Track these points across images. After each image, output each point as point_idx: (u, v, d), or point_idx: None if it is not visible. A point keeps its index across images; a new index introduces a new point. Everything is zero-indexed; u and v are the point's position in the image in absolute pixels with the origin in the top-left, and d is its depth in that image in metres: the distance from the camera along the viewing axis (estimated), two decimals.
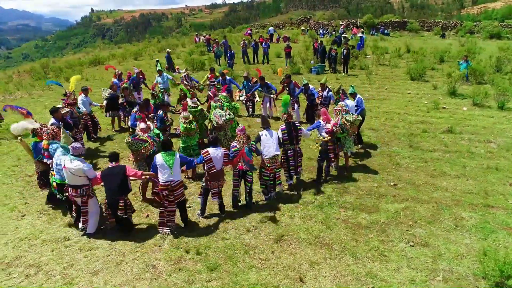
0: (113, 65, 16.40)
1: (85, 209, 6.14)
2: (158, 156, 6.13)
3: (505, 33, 34.45)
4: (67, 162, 5.95)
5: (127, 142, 7.04)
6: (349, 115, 8.32)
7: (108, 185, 5.99)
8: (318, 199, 7.30)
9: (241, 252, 5.76)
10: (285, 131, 7.45)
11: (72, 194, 6.09)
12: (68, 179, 6.02)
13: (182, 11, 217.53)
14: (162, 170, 6.06)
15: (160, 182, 6.09)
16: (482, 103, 13.22)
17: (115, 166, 6.10)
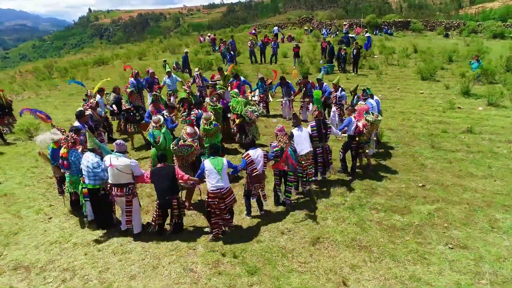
0: (130, 65, 16.17)
1: (129, 209, 6.03)
2: (206, 162, 6.00)
3: (508, 33, 34.46)
4: (113, 160, 5.87)
5: (173, 148, 6.69)
6: (369, 115, 8.27)
7: (159, 186, 5.91)
8: (348, 200, 7.21)
9: (279, 255, 5.66)
10: (314, 128, 7.42)
11: (116, 193, 5.96)
12: (114, 178, 5.90)
13: (180, 11, 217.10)
14: (211, 176, 5.89)
15: (210, 190, 5.90)
16: (497, 102, 13.18)
17: (164, 166, 6.05)
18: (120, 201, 6.08)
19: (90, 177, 6.04)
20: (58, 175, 6.85)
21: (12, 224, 6.63)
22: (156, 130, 7.49)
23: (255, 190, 6.44)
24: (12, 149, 10.34)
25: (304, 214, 6.75)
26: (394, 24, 38.47)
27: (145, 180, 6.03)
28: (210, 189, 5.89)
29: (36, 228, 6.50)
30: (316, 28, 39.26)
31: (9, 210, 7.12)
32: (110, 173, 5.91)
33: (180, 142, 6.71)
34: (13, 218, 6.85)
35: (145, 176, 6.02)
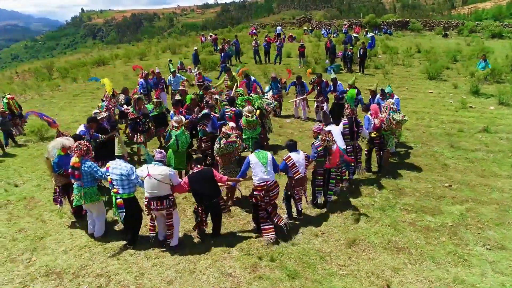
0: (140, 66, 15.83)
1: (170, 222, 5.64)
2: (252, 156, 5.95)
3: (506, 33, 34.76)
4: (151, 169, 5.50)
5: (220, 147, 6.57)
6: (396, 114, 8.28)
7: (201, 190, 5.66)
8: (377, 201, 7.13)
9: (317, 258, 5.55)
10: (347, 126, 7.38)
11: (156, 207, 5.56)
12: (152, 189, 5.48)
13: (174, 11, 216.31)
14: (257, 169, 5.82)
15: (256, 183, 5.83)
16: (508, 102, 13.22)
17: (202, 169, 5.80)
18: (160, 215, 5.76)
19: (124, 186, 5.59)
20: (60, 183, 6.40)
21: (36, 228, 6.45)
22: (174, 131, 7.38)
23: (298, 194, 6.30)
24: (25, 151, 10.12)
25: (335, 216, 6.65)
26: (394, 24, 38.59)
27: (184, 188, 5.73)
28: (256, 182, 5.80)
29: (62, 233, 6.31)
30: (316, 28, 39.26)
31: (31, 214, 6.94)
32: (148, 185, 5.51)
33: (222, 140, 6.60)
34: (36, 222, 6.66)
35: (183, 183, 5.71)
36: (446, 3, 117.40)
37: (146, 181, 5.51)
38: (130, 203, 5.69)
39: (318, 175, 6.68)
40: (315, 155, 6.47)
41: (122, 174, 5.56)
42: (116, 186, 5.61)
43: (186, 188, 5.72)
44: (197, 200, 5.82)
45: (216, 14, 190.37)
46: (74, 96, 17.24)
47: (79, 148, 5.82)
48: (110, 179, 5.65)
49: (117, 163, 5.68)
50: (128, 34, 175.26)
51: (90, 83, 20.32)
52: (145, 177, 5.50)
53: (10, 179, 8.39)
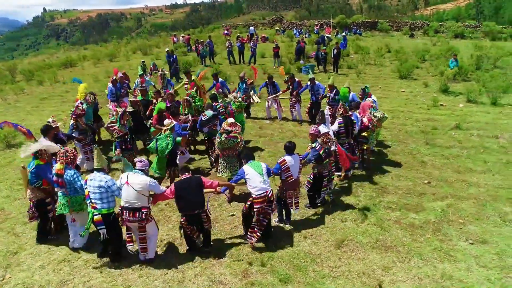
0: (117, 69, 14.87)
1: (142, 235, 5.33)
2: (246, 168, 5.74)
3: (467, 33, 36.42)
4: (131, 177, 5.19)
5: (221, 141, 6.64)
6: (377, 112, 8.46)
7: (186, 199, 5.35)
8: (362, 200, 7.19)
9: (307, 260, 5.51)
10: (342, 125, 7.48)
11: (128, 218, 5.18)
12: (128, 198, 5.14)
13: (142, 11, 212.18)
14: (255, 180, 5.62)
15: (255, 195, 5.60)
16: (475, 99, 13.78)
17: (190, 177, 5.53)
18: (133, 227, 5.39)
19: (103, 200, 5.21)
20: (36, 198, 5.79)
21: (9, 242, 6.04)
22: (162, 135, 7.16)
23: (290, 198, 6.21)
24: None
25: (321, 217, 6.64)
26: (363, 25, 39.46)
27: (168, 196, 5.45)
28: (256, 193, 5.59)
29: (38, 247, 5.94)
30: (288, 29, 39.54)
31: (2, 227, 6.49)
32: (125, 193, 5.18)
33: (224, 135, 6.71)
34: (8, 236, 6.24)
35: (168, 192, 5.43)
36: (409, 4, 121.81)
37: (124, 190, 5.20)
38: (109, 219, 5.30)
39: (324, 177, 6.65)
40: (312, 158, 6.46)
41: (101, 186, 5.22)
42: (94, 200, 5.20)
43: (171, 197, 5.44)
44: (180, 209, 5.48)
45: (186, 14, 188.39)
46: (41, 99, 16.42)
47: (66, 156, 5.53)
48: (88, 193, 5.27)
49: (95, 175, 5.32)
50: (94, 34, 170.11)
51: (58, 86, 19.53)
52: (123, 185, 5.21)
53: None
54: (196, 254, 5.67)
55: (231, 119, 7.37)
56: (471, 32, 36.67)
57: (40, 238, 6.05)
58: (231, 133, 6.94)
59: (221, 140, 6.84)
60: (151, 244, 5.47)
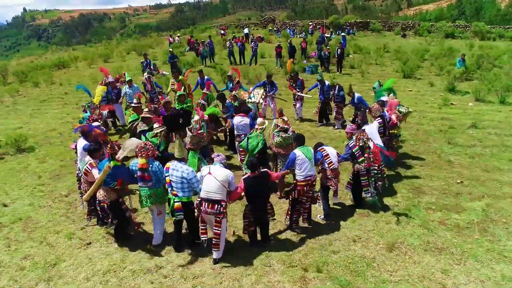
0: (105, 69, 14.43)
1: (217, 231, 5.27)
2: (298, 152, 5.85)
3: (458, 33, 37.12)
4: (214, 169, 5.31)
5: (283, 137, 6.86)
6: (402, 107, 8.46)
7: (255, 193, 5.48)
8: (400, 201, 7.10)
9: (363, 265, 5.36)
10: (382, 124, 7.39)
11: (206, 209, 5.20)
12: (209, 190, 5.20)
13: (126, 11, 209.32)
14: (304, 165, 5.78)
15: (300, 179, 5.83)
16: (483, 98, 13.93)
17: (258, 175, 5.52)
18: (209, 220, 5.42)
19: (184, 189, 5.38)
20: (109, 199, 5.56)
21: (44, 253, 5.70)
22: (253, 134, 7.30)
23: (335, 186, 6.23)
24: (3, 165, 9.04)
25: (365, 219, 6.52)
26: (355, 25, 39.72)
27: (239, 193, 5.50)
28: (302, 177, 5.82)
29: (77, 256, 5.62)
30: (281, 29, 39.48)
31: (33, 237, 6.14)
32: (206, 184, 5.25)
33: (281, 133, 6.92)
34: (41, 246, 5.90)
35: (239, 190, 5.47)
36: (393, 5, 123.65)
37: (205, 181, 5.27)
38: (188, 206, 5.46)
39: (362, 176, 6.55)
40: (346, 155, 6.50)
41: (183, 177, 5.34)
42: (176, 189, 5.37)
43: (241, 193, 5.51)
44: (249, 202, 5.62)
45: (171, 14, 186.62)
46: (42, 102, 15.84)
47: (146, 149, 5.50)
48: (169, 180, 5.37)
49: (177, 165, 5.43)
50: (77, 35, 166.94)
51: (54, 88, 18.91)
52: (205, 176, 5.28)
53: None
54: (242, 258, 5.51)
55: (284, 117, 7.39)
56: (461, 32, 37.38)
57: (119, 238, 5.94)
58: (288, 131, 7.04)
59: (284, 136, 6.96)
60: (222, 242, 5.44)
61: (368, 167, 6.62)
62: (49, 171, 8.62)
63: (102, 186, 5.50)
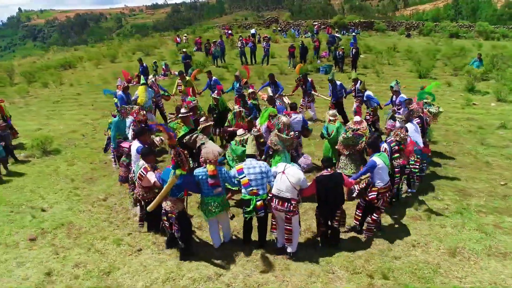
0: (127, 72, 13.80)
1: (288, 227, 5.27)
2: (377, 159, 5.68)
3: (462, 33, 37.17)
4: (289, 169, 5.25)
5: (347, 137, 6.79)
6: (432, 107, 8.42)
7: (327, 194, 5.40)
8: (449, 204, 6.95)
9: (429, 271, 5.20)
10: (420, 124, 7.33)
11: (276, 206, 5.20)
12: (280, 188, 5.18)
13: (122, 11, 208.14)
14: (383, 172, 5.71)
15: (381, 185, 5.69)
16: (505, 98, 13.84)
17: (332, 173, 5.45)
18: (279, 217, 5.37)
19: (264, 185, 5.32)
20: (177, 210, 5.26)
21: (95, 261, 5.47)
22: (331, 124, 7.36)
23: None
24: (31, 168, 8.78)
25: (418, 222, 6.36)
26: (360, 25, 39.68)
27: (311, 191, 5.43)
28: (382, 184, 5.69)
29: (130, 264, 5.40)
30: (285, 29, 39.35)
31: (79, 243, 5.91)
32: (278, 182, 5.23)
33: (349, 132, 6.79)
34: (90, 253, 5.67)
35: (310, 186, 5.40)
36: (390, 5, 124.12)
37: (278, 178, 5.27)
38: (266, 204, 5.38)
39: (395, 173, 6.46)
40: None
41: (262, 171, 5.33)
42: (256, 187, 5.26)
43: (312, 191, 5.44)
44: (320, 204, 5.54)
45: (167, 14, 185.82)
46: (55, 103, 15.55)
47: (214, 154, 5.33)
48: (247, 181, 5.24)
49: (251, 162, 5.41)
50: (73, 35, 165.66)
51: (65, 88, 18.59)
52: (279, 173, 5.27)
53: (31, 202, 7.16)
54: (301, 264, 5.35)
55: (357, 117, 7.31)
56: (465, 32, 37.45)
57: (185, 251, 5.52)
58: (357, 131, 6.89)
59: (347, 136, 6.90)
60: (295, 237, 5.41)
61: (403, 164, 6.52)
62: (81, 174, 8.39)
63: (169, 197, 5.22)
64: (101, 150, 9.72)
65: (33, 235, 6.05)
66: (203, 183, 5.30)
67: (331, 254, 5.60)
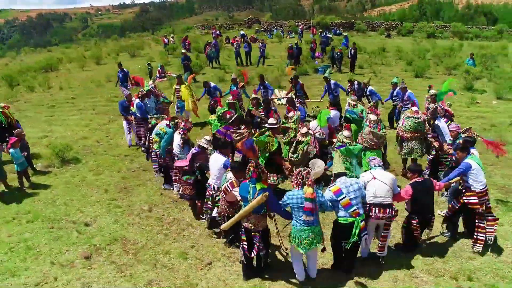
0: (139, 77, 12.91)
1: (386, 233, 5.21)
2: (472, 162, 5.58)
3: (438, 33, 38.60)
4: (377, 173, 5.13)
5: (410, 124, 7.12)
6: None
7: (422, 202, 5.34)
8: (498, 202, 7.08)
9: (509, 270, 5.25)
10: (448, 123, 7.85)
11: (377, 215, 5.02)
12: (379, 194, 5.01)
13: (88, 11, 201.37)
14: (480, 175, 5.58)
15: (480, 189, 5.55)
16: (503, 96, 14.42)
17: (425, 180, 5.41)
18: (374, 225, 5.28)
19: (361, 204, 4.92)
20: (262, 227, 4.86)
21: (168, 277, 5.13)
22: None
23: None
24: (55, 179, 8.18)
25: None
26: (341, 25, 40.31)
27: (404, 197, 5.27)
28: (481, 187, 5.55)
29: (207, 279, 5.11)
30: (267, 29, 39.34)
31: (141, 259, 5.53)
32: (373, 190, 5.03)
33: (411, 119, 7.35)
34: (158, 270, 5.32)
35: (403, 193, 5.25)
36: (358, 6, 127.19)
37: (371, 186, 5.06)
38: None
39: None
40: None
41: (360, 188, 4.97)
42: (356, 207, 4.81)
43: (406, 197, 5.27)
44: (414, 211, 5.40)
45: (135, 14, 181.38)
46: (51, 108, 14.66)
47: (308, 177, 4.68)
48: (349, 201, 4.75)
49: (347, 180, 4.95)
50: (35, 36, 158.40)
51: (55, 92, 17.58)
52: (370, 181, 5.08)
53: (70, 216, 6.66)
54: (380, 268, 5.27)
55: (414, 107, 7.60)
56: (441, 32, 38.91)
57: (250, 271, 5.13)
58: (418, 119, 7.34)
59: (409, 123, 7.30)
60: (387, 243, 5.33)
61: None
62: (113, 184, 7.91)
63: (252, 214, 4.74)
64: (124, 157, 9.30)
65: (87, 253, 5.62)
66: (298, 208, 4.61)
67: (402, 257, 5.55)
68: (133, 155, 9.42)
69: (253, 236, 4.80)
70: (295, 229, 4.68)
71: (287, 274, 5.12)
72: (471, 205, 5.60)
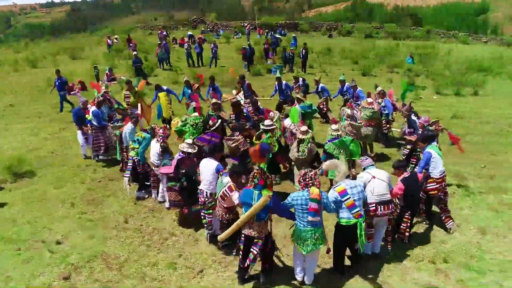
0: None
1: (389, 227, 5.60)
2: (432, 151, 6.05)
3: (374, 34, 41.03)
4: (374, 172, 5.36)
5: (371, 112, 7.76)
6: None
7: (413, 194, 5.66)
8: (455, 188, 7.74)
9: (476, 249, 5.81)
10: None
11: (383, 212, 5.23)
12: (381, 192, 5.22)
13: (11, 9, 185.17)
14: (439, 163, 6.03)
15: (437, 176, 6.04)
16: (441, 91, 15.78)
17: (411, 174, 5.77)
18: (377, 223, 5.42)
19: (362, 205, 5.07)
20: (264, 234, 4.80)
21: None
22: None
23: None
24: (11, 196, 7.46)
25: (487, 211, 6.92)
26: (286, 26, 41.23)
27: (398, 192, 5.45)
28: (438, 174, 6.03)
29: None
30: (213, 30, 39.11)
31: (127, 274, 5.26)
32: (374, 188, 5.21)
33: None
34: (147, 283, 5.10)
35: (396, 190, 5.43)
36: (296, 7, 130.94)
37: (372, 185, 5.23)
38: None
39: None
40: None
41: (362, 190, 5.04)
42: (359, 208, 4.86)
43: (400, 193, 5.49)
44: (406, 205, 5.67)
45: (66, 13, 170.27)
46: (27, 118, 12.96)
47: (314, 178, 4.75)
48: (353, 202, 4.80)
49: (351, 181, 5.05)
50: None
51: None
52: (370, 181, 5.24)
53: (37, 236, 6.11)
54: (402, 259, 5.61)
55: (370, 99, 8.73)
56: (377, 33, 41.41)
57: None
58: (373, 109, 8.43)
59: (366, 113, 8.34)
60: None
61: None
62: (79, 197, 7.40)
63: (254, 222, 4.65)
64: (85, 167, 8.75)
65: (65, 273, 5.24)
66: (302, 209, 4.64)
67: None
68: (95, 165, 8.88)
69: (255, 243, 4.72)
70: (298, 230, 4.72)
71: (283, 276, 5.18)
72: (431, 191, 6.17)
